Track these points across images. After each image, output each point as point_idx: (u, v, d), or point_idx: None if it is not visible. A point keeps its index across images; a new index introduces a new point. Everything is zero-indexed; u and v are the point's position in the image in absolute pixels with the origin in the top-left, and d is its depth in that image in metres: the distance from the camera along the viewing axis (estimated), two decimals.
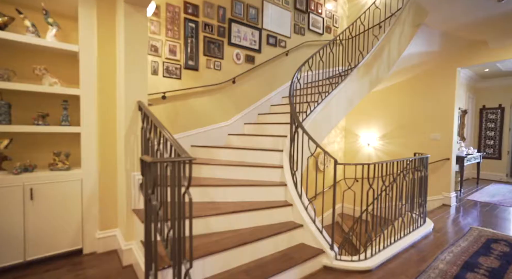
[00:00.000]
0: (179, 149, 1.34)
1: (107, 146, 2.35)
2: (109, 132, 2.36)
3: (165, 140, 1.55)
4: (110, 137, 2.36)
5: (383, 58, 3.78)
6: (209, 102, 3.68)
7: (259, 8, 4.13)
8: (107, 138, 2.35)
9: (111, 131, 2.37)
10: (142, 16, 2.15)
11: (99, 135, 2.31)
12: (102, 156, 2.33)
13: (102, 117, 2.33)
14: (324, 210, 5.43)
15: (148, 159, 1.14)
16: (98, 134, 2.31)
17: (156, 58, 3.19)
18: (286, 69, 4.57)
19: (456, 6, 3.03)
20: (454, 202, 4.27)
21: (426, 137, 4.68)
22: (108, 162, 2.36)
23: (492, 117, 7.08)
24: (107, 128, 2.35)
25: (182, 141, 3.45)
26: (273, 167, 2.81)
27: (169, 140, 1.46)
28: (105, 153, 2.34)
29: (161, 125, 1.66)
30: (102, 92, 2.33)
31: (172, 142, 1.42)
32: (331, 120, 3.44)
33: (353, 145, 5.92)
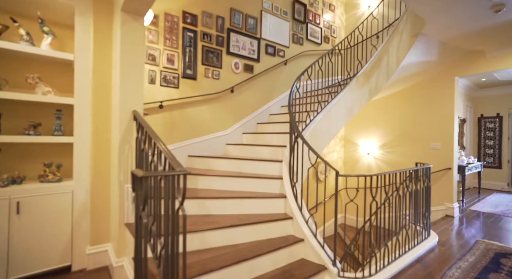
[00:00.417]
0: (174, 162, 1.27)
1: (101, 157, 2.27)
2: (103, 142, 2.29)
3: (159, 152, 1.48)
4: (104, 148, 2.29)
5: (382, 68, 3.77)
6: (207, 111, 3.63)
7: (257, 18, 4.14)
8: (101, 149, 2.27)
9: (105, 141, 2.29)
10: (139, 24, 2.11)
11: (93, 145, 2.24)
12: (96, 167, 2.25)
13: (96, 126, 2.26)
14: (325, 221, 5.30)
15: (139, 173, 1.07)
16: (91, 144, 2.23)
17: (154, 67, 3.15)
18: (285, 78, 4.55)
19: (454, 16, 3.04)
20: (457, 213, 4.18)
21: (427, 147, 4.63)
22: (102, 173, 2.28)
23: (490, 126, 7.07)
24: (101, 138, 2.28)
25: (179, 151, 3.37)
26: (272, 178, 2.73)
27: (163, 152, 1.38)
28: (99, 164, 2.26)
29: (155, 136, 1.59)
30: (97, 101, 2.27)
31: (167, 154, 1.35)
32: (331, 130, 3.39)
33: (353, 154, 5.86)
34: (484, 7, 2.84)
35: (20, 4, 2.12)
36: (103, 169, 2.27)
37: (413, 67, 4.00)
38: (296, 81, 3.01)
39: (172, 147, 3.32)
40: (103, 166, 2.27)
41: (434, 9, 2.86)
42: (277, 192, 2.72)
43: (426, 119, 4.65)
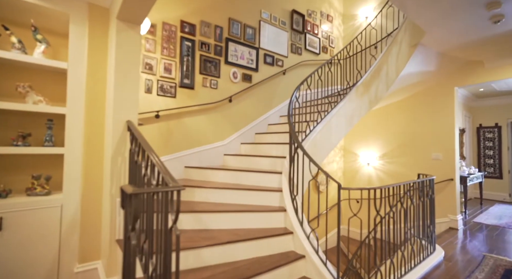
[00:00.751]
0: (167, 176, 1.18)
1: (93, 169, 2.17)
2: (96, 154, 2.20)
3: (153, 165, 1.39)
4: (97, 159, 2.19)
5: (381, 77, 3.74)
6: (205, 121, 3.55)
7: (256, 28, 4.14)
8: (93, 160, 2.18)
9: (98, 153, 2.20)
10: (135, 33, 2.06)
11: (84, 157, 2.14)
12: (87, 180, 2.14)
13: (88, 137, 2.17)
14: (323, 234, 5.17)
15: (129, 189, 0.98)
16: (83, 155, 2.14)
17: (151, 76, 3.10)
18: (284, 88, 4.52)
19: (453, 27, 3.03)
20: (461, 225, 4.08)
21: (428, 157, 4.57)
22: (93, 186, 2.17)
23: (489, 136, 7.05)
24: (94, 149, 2.19)
25: (176, 161, 3.28)
26: (271, 190, 2.63)
27: (157, 165, 1.30)
28: (90, 177, 2.16)
29: (149, 148, 1.50)
30: (90, 111, 2.19)
31: (160, 168, 1.26)
32: (331, 140, 3.32)
33: (353, 164, 5.78)
34: (483, 18, 2.84)
35: (13, 11, 2.07)
36: (95, 182, 2.17)
37: (412, 77, 3.98)
38: (296, 91, 2.96)
39: (169, 157, 3.23)
40: (95, 179, 2.17)
41: (433, 19, 2.85)
42: (277, 205, 2.62)
43: (426, 129, 4.60)
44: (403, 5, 2.63)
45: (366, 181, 5.48)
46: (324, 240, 5.12)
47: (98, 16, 2.24)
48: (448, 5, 2.58)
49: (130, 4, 1.78)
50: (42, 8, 2.06)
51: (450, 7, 2.62)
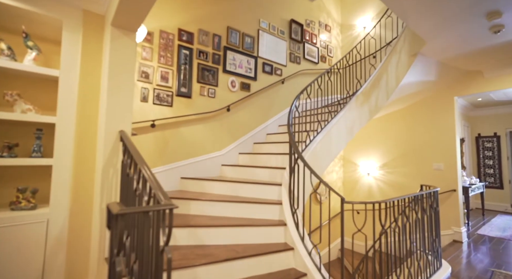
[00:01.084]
0: (159, 193, 1.08)
1: (83, 181, 2.05)
2: (87, 165, 2.09)
3: (145, 180, 1.29)
4: (88, 171, 2.08)
5: (381, 87, 3.70)
6: (202, 130, 3.47)
7: (254, 37, 4.11)
8: (84, 172, 2.07)
9: (89, 164, 2.09)
10: (130, 40, 1.99)
11: (74, 168, 2.03)
12: (76, 193, 2.03)
13: (80, 148, 2.07)
14: (324, 245, 5.02)
15: (115, 208, 0.88)
16: (73, 167, 2.03)
17: (147, 85, 3.02)
18: (282, 97, 4.46)
19: (453, 36, 3.01)
20: (465, 238, 3.97)
21: (429, 167, 4.49)
22: (83, 199, 2.05)
23: (488, 146, 7.02)
24: (85, 160, 2.08)
25: (172, 172, 3.17)
26: (271, 203, 2.53)
27: (149, 180, 1.20)
28: (80, 189, 2.04)
29: (141, 161, 1.40)
30: (82, 120, 2.10)
31: (152, 183, 1.16)
32: (331, 151, 3.24)
33: (352, 174, 5.68)
34: (483, 28, 2.82)
35: (4, 18, 2.00)
36: (85, 195, 2.05)
37: (412, 86, 3.95)
38: (295, 100, 2.89)
39: (164, 168, 3.12)
40: (85, 192, 2.05)
41: (434, 28, 2.83)
42: (276, 219, 2.50)
43: (427, 139, 4.55)
44: (403, 14, 2.61)
45: (366, 192, 5.37)
46: (325, 252, 4.96)
47: (93, 23, 2.17)
48: (448, 15, 2.56)
49: (125, 10, 1.72)
50: (34, 14, 2.00)
51: (450, 17, 2.59)
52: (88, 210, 2.05)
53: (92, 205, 2.06)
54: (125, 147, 1.76)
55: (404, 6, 2.46)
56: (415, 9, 2.48)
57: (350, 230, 5.47)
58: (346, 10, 5.70)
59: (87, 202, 2.05)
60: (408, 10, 2.52)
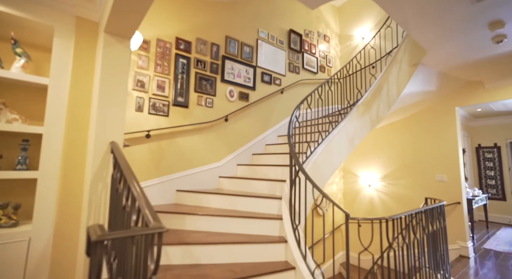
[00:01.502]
0: (148, 214, 0.96)
1: (70, 196, 1.92)
2: (75, 179, 1.96)
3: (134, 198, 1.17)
4: (76, 185, 1.95)
5: (382, 96, 3.64)
6: (199, 141, 3.36)
7: (253, 46, 4.07)
8: (71, 186, 1.93)
9: (77, 178, 1.96)
10: (123, 47, 1.91)
11: (61, 182, 1.90)
12: (62, 209, 1.89)
13: (68, 160, 1.94)
14: (326, 258, 4.83)
15: (95, 234, 0.76)
16: (60, 180, 1.90)
17: (142, 94, 2.93)
18: (282, 107, 4.39)
19: (455, 46, 2.98)
20: (472, 253, 3.82)
21: (431, 178, 4.38)
22: (70, 216, 1.91)
23: (489, 156, 6.95)
24: (74, 173, 1.95)
25: (167, 184, 3.04)
26: (270, 218, 2.39)
27: (137, 199, 1.08)
28: (66, 205, 1.90)
29: (130, 176, 1.29)
30: (71, 131, 1.98)
31: (141, 203, 1.04)
32: (333, 162, 3.13)
33: (353, 186, 5.56)
34: (486, 38, 2.79)
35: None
36: (71, 212, 1.91)
37: (413, 96, 3.89)
38: (296, 110, 2.81)
39: (160, 180, 2.99)
40: (72, 208, 1.91)
41: (435, 38, 2.79)
42: (276, 235, 2.37)
43: (429, 150, 4.46)
44: (405, 23, 2.56)
45: (367, 204, 5.24)
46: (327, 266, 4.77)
47: (86, 30, 2.09)
48: (451, 24, 2.52)
49: (118, 16, 1.64)
50: (25, 20, 1.92)
51: (453, 26, 2.56)
52: (74, 227, 1.91)
53: (79, 222, 1.92)
54: (116, 159, 1.65)
55: (405, 14, 2.42)
56: (417, 18, 2.44)
57: (351, 243, 5.29)
58: (344, 21, 5.73)
59: (74, 219, 1.91)
60: (409, 19, 2.48)
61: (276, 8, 4.50)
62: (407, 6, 2.26)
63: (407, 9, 2.31)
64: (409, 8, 2.28)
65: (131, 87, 2.85)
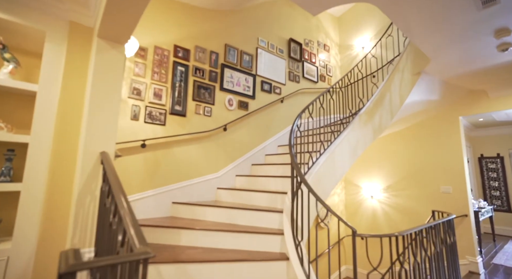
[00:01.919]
0: (133, 237, 0.84)
1: (57, 210, 1.78)
2: (63, 192, 1.83)
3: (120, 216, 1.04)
4: (63, 199, 1.82)
5: (384, 105, 3.56)
6: (197, 151, 3.24)
7: (253, 55, 4.02)
8: (58, 199, 1.80)
9: (65, 190, 1.83)
10: (118, 53, 1.82)
11: (47, 195, 1.77)
12: (48, 224, 1.75)
13: (55, 171, 1.82)
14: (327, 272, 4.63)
15: (63, 265, 0.63)
16: (46, 193, 1.77)
17: (138, 102, 2.83)
18: (282, 116, 4.30)
19: (459, 54, 2.92)
20: (482, 269, 3.64)
21: (436, 190, 4.25)
22: (55, 232, 1.77)
23: (492, 167, 6.83)
24: (61, 186, 1.82)
25: (163, 196, 2.90)
26: (271, 233, 2.25)
27: (123, 217, 0.95)
28: (53, 220, 1.77)
29: (117, 190, 1.17)
30: (60, 140, 1.87)
31: (127, 223, 0.92)
32: (335, 173, 3.01)
33: (355, 197, 5.41)
34: (491, 46, 2.73)
35: None
36: (57, 227, 1.77)
37: (416, 105, 3.81)
38: (297, 119, 2.71)
39: (155, 192, 2.85)
40: (58, 224, 1.77)
41: (439, 45, 2.72)
42: (277, 252, 2.22)
43: (433, 160, 4.35)
44: (408, 30, 2.50)
45: (370, 215, 5.08)
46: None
47: (80, 35, 2.01)
48: (455, 31, 2.46)
49: (111, 20, 1.56)
50: (16, 25, 1.84)
51: (457, 34, 2.49)
52: (60, 244, 1.76)
53: (65, 238, 1.78)
54: (105, 171, 1.53)
55: (409, 21, 2.36)
56: (421, 24, 2.38)
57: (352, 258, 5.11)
58: (344, 30, 5.73)
59: (60, 235, 1.77)
60: (413, 26, 2.42)
61: (276, 17, 4.49)
62: (411, 13, 2.20)
63: (411, 16, 2.25)
64: (413, 14, 2.22)
65: (126, 95, 2.76)
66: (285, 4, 4.68)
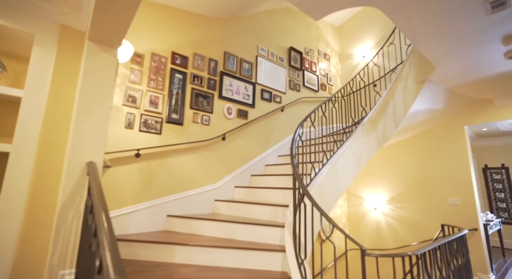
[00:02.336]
0: (109, 265, 0.70)
1: (38, 227, 1.63)
2: (46, 206, 1.68)
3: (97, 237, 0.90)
4: (46, 213, 1.67)
5: (388, 114, 3.45)
6: (194, 161, 3.10)
7: (253, 63, 3.95)
8: (40, 215, 1.65)
9: (49, 205, 1.69)
10: (109, 57, 1.72)
11: (27, 210, 1.62)
12: (26, 243, 1.59)
13: (40, 183, 1.68)
14: None
15: None
16: (26, 208, 1.62)
17: (133, 110, 2.72)
18: (282, 125, 4.19)
19: (465, 62, 2.83)
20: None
21: (443, 202, 4.09)
22: (34, 252, 1.61)
23: (497, 178, 6.68)
24: (44, 199, 1.68)
25: (157, 209, 2.74)
26: (272, 250, 2.09)
27: (101, 239, 0.82)
28: (32, 238, 1.61)
29: (99, 206, 1.03)
30: (46, 149, 1.74)
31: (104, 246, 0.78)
32: (339, 184, 2.87)
33: (358, 209, 5.23)
34: (498, 53, 2.64)
35: None
36: (37, 247, 1.61)
37: (420, 114, 3.71)
38: (299, 128, 2.59)
39: (149, 204, 2.70)
40: (38, 243, 1.61)
41: (445, 52, 2.64)
42: (279, 271, 2.05)
43: (438, 171, 4.21)
44: (414, 36, 2.42)
45: (374, 228, 4.89)
46: None
47: (72, 39, 1.92)
48: (462, 37, 2.38)
49: (101, 21, 1.47)
50: (4, 28, 1.75)
51: (464, 39, 2.41)
52: (39, 267, 1.60)
53: (45, 261, 1.62)
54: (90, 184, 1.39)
55: (415, 26, 2.28)
56: (427, 30, 2.30)
57: (356, 272, 4.88)
58: (344, 40, 5.70)
59: (39, 256, 1.61)
60: (419, 31, 2.34)
61: (276, 26, 4.45)
62: (417, 18, 2.12)
63: (417, 21, 2.17)
64: (419, 19, 2.14)
65: (121, 102, 2.65)
66: (285, 13, 4.66)
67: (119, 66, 2.67)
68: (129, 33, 2.77)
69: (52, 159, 1.72)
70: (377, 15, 5.09)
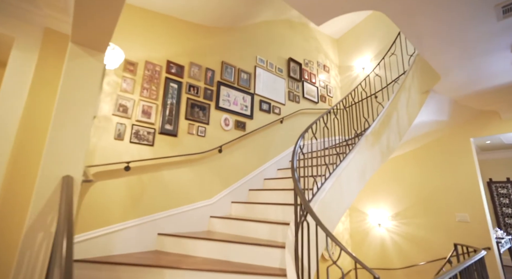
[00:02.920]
0: None
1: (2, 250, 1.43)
2: (17, 225, 1.49)
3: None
4: (15, 234, 1.47)
5: (392, 126, 3.31)
6: (188, 174, 2.92)
7: (251, 73, 3.84)
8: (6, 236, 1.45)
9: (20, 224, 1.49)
10: (94, 61, 1.58)
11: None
12: None
13: (8, 201, 1.49)
14: None
15: None
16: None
17: (124, 120, 2.57)
18: (281, 137, 4.03)
19: (471, 71, 2.73)
20: None
21: (451, 218, 3.88)
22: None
23: (503, 192, 6.48)
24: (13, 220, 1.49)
25: (147, 227, 2.53)
26: (272, 275, 1.87)
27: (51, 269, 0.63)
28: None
29: (63, 229, 0.85)
30: (19, 162, 1.56)
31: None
32: (343, 200, 2.68)
33: (361, 225, 4.99)
34: (506, 61, 2.54)
35: None
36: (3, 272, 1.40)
37: (424, 126, 3.57)
38: (300, 139, 2.43)
39: (138, 221, 2.49)
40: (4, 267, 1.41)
41: (451, 61, 2.54)
42: None
43: (445, 185, 4.02)
44: (420, 43, 2.32)
45: (378, 245, 4.63)
46: None
47: (56, 43, 1.79)
48: (469, 45, 2.28)
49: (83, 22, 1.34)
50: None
51: (471, 47, 2.31)
52: None
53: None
54: None
55: (421, 32, 2.17)
56: (434, 35, 2.20)
57: None
58: (343, 52, 5.67)
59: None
60: (425, 37, 2.23)
61: (275, 36, 4.39)
62: (424, 23, 2.02)
63: (423, 26, 2.07)
64: (426, 25, 2.04)
65: (111, 111, 2.50)
66: (284, 24, 4.62)
67: (111, 74, 2.53)
68: (122, 40, 2.66)
69: (25, 173, 1.54)
70: (376, 26, 5.08)
